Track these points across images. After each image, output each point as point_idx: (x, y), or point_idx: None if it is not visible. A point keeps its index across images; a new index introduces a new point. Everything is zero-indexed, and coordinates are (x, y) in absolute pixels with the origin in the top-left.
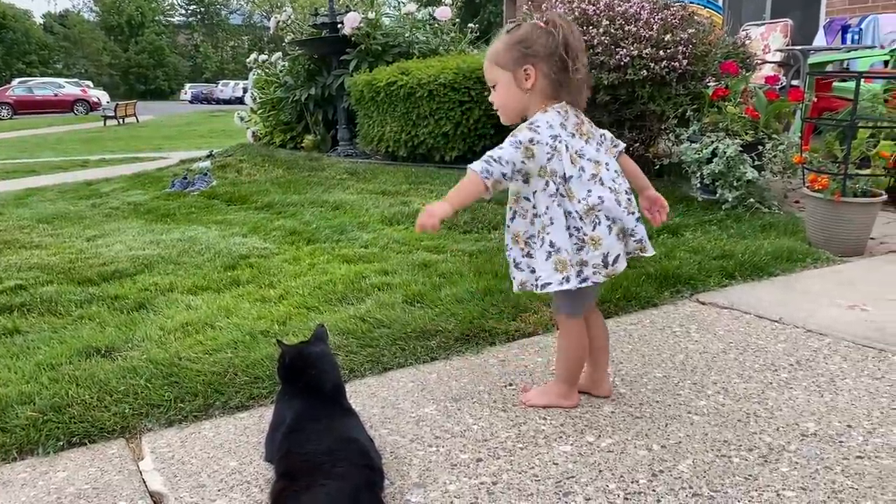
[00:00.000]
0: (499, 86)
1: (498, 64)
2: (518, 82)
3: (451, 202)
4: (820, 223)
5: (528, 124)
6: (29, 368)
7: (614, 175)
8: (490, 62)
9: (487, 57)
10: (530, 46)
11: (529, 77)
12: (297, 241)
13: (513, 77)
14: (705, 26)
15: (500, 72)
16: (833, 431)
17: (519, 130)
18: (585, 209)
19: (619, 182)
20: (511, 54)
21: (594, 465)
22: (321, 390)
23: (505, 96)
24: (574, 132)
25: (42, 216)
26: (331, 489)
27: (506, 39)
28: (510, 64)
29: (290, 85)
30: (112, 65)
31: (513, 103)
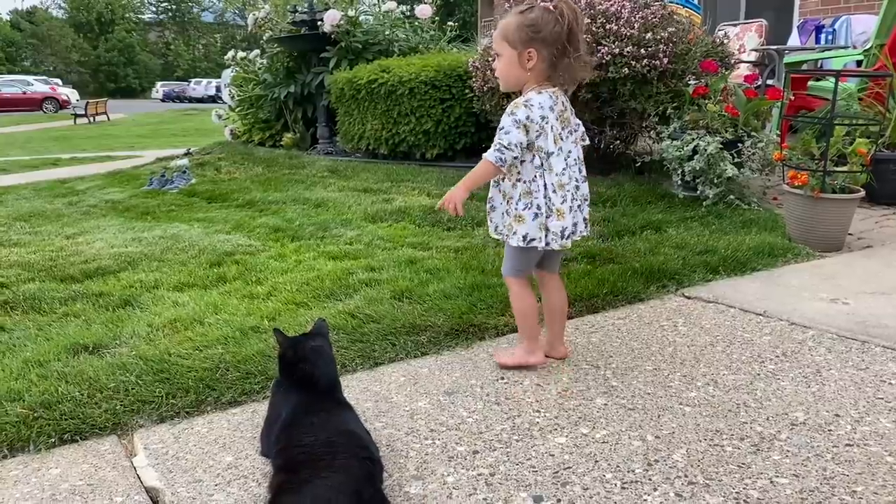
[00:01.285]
0: (503, 58)
1: (507, 40)
2: (521, 61)
3: (467, 186)
4: (800, 219)
5: (524, 101)
6: (16, 366)
7: (573, 162)
8: (500, 36)
9: (499, 30)
10: (539, 31)
11: (532, 59)
12: (281, 238)
13: (517, 55)
14: (685, 25)
15: (507, 47)
16: (822, 420)
17: (517, 107)
18: (559, 184)
19: (576, 169)
20: (520, 34)
21: (590, 456)
22: (317, 384)
23: (507, 69)
24: (558, 116)
25: (18, 214)
26: (333, 482)
27: (519, 19)
28: (518, 43)
29: (269, 82)
30: (81, 62)
31: (513, 78)
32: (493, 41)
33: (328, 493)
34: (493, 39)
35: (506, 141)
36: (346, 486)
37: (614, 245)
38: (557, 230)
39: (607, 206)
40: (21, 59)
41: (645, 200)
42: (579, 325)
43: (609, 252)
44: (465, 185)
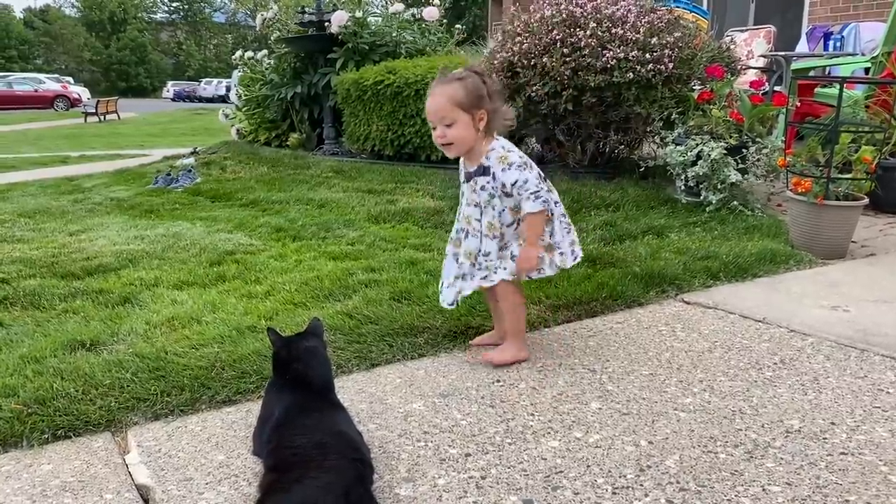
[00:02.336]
0: (458, 124)
1: (460, 106)
2: (475, 123)
3: (536, 242)
4: (803, 226)
5: (508, 149)
6: (13, 361)
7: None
8: (450, 104)
9: (443, 100)
10: (482, 94)
11: (482, 119)
12: (283, 238)
13: (471, 118)
14: (691, 30)
15: (461, 113)
16: (817, 428)
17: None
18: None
19: None
20: (470, 99)
21: (582, 461)
22: (310, 384)
23: (465, 133)
24: None
25: (23, 210)
26: (321, 482)
27: (464, 86)
28: (470, 107)
29: (275, 83)
30: (93, 61)
31: (468, 140)
32: (439, 112)
33: (317, 494)
34: (439, 110)
35: (536, 186)
36: (335, 486)
37: (615, 249)
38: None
39: (610, 210)
40: (33, 57)
41: (648, 205)
42: (577, 329)
43: (610, 256)
44: (534, 241)
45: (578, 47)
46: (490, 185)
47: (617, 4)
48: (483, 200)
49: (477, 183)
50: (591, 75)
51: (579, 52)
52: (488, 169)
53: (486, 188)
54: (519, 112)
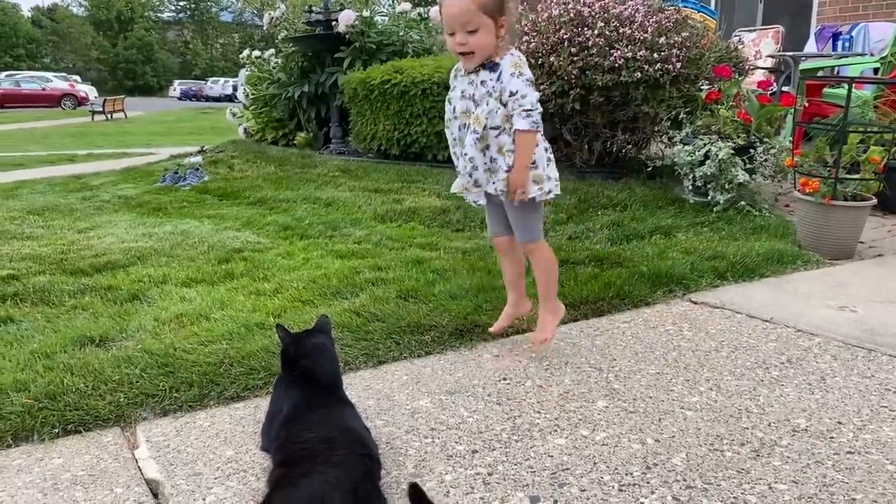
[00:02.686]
0: (482, 31)
1: (486, 12)
2: (497, 30)
3: (526, 165)
4: (810, 226)
5: (522, 61)
6: (23, 357)
7: None
8: (477, 8)
9: (469, 4)
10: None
11: (503, 26)
12: (290, 237)
13: (494, 24)
14: (699, 30)
15: (485, 19)
16: (824, 427)
17: (522, 67)
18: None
19: None
20: (495, 4)
21: (589, 458)
22: (318, 380)
23: (485, 41)
24: None
25: (32, 208)
26: (329, 477)
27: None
28: (496, 13)
29: (283, 82)
30: (100, 60)
31: (489, 48)
32: (463, 16)
33: (325, 488)
34: (463, 14)
35: (528, 104)
36: (343, 481)
37: (622, 249)
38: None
39: (617, 209)
40: (41, 55)
41: (655, 205)
42: (584, 328)
43: (617, 256)
44: (524, 165)
45: (586, 46)
46: (492, 83)
47: (625, 4)
48: (479, 95)
49: (478, 76)
50: (599, 74)
51: (587, 51)
52: (497, 66)
53: (486, 84)
54: None
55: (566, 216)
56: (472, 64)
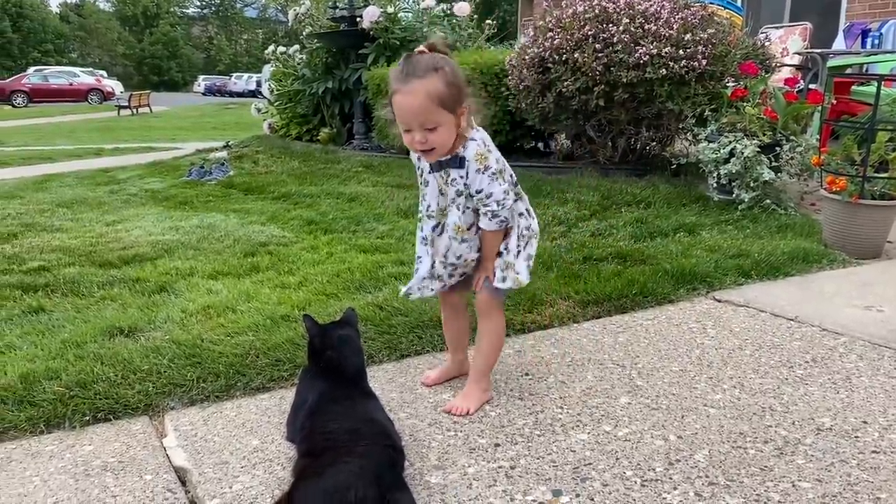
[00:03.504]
0: (442, 128)
1: (445, 107)
2: (458, 122)
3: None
4: (837, 225)
5: (488, 147)
6: (55, 346)
7: None
8: (433, 103)
9: (425, 97)
10: (462, 85)
11: (463, 114)
12: (314, 231)
13: (455, 118)
14: (725, 27)
15: (445, 115)
16: (849, 427)
17: (485, 158)
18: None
19: None
20: (453, 94)
21: (611, 453)
22: (344, 372)
23: (445, 137)
24: None
25: (61, 201)
26: (354, 467)
27: (443, 77)
28: (456, 104)
29: (307, 78)
30: (126, 55)
31: (450, 140)
32: (419, 115)
33: (350, 478)
34: (419, 113)
35: (494, 204)
36: (367, 471)
37: (646, 246)
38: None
39: (641, 207)
40: (68, 51)
41: (679, 202)
42: (607, 325)
43: (640, 253)
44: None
45: (611, 43)
46: (462, 179)
47: (650, 0)
48: (450, 197)
49: (449, 175)
50: (624, 71)
51: (612, 47)
52: (463, 161)
53: (455, 183)
54: (549, 108)
55: (589, 213)
56: (433, 159)
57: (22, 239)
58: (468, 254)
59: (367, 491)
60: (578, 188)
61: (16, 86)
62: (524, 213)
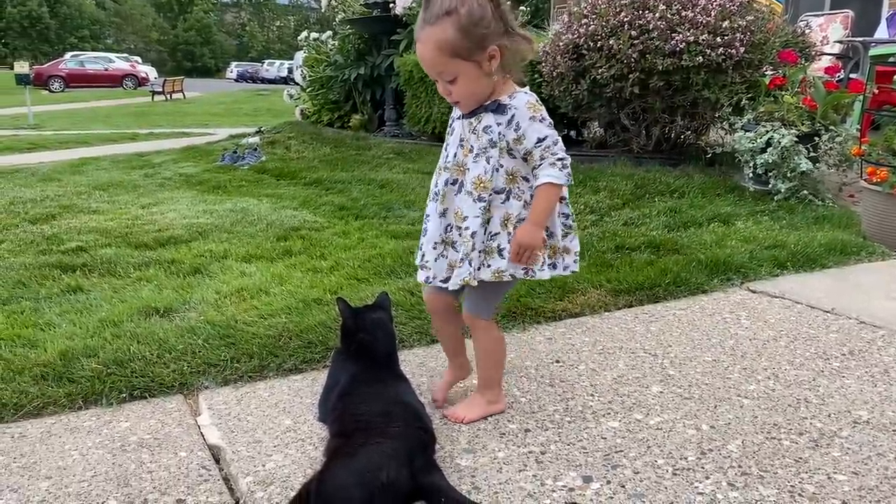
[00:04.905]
0: (461, 79)
1: (458, 55)
2: (484, 69)
3: (540, 225)
4: (877, 217)
5: (538, 101)
6: (92, 324)
7: None
8: (443, 54)
9: (434, 46)
10: (485, 25)
11: (495, 57)
12: (345, 217)
13: (478, 66)
14: (764, 14)
15: (462, 64)
16: (887, 420)
17: (539, 108)
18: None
19: None
20: (470, 40)
21: (643, 441)
22: (376, 355)
23: (472, 88)
24: None
25: (98, 184)
26: (386, 448)
27: (456, 22)
28: (474, 51)
29: (339, 64)
30: (160, 41)
31: (480, 91)
32: (433, 66)
33: (382, 459)
34: (433, 65)
35: (561, 151)
36: (399, 452)
37: (679, 236)
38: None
39: (675, 196)
40: (104, 37)
41: (714, 192)
42: (639, 314)
43: (673, 243)
44: (538, 224)
45: (647, 30)
46: (499, 128)
47: None
48: (479, 146)
49: (481, 121)
50: (660, 58)
51: (647, 34)
52: (505, 108)
53: (490, 131)
54: (583, 95)
55: (622, 202)
56: (467, 109)
57: (60, 220)
58: (473, 224)
59: (399, 472)
60: (611, 177)
61: (53, 71)
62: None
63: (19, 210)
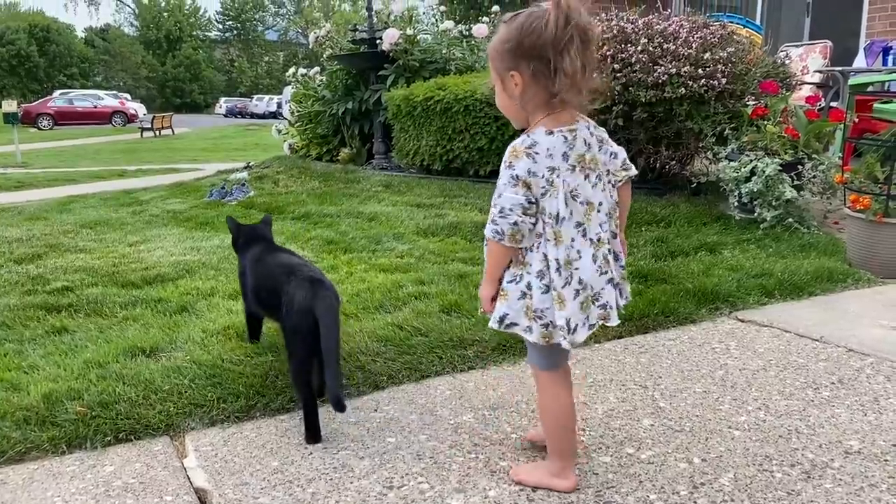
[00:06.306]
0: (497, 90)
1: (492, 63)
2: (507, 89)
3: (491, 277)
4: (861, 244)
5: (525, 147)
6: (77, 366)
7: (604, 219)
8: (491, 58)
9: (490, 48)
10: (520, 43)
11: (517, 84)
12: (334, 251)
13: (502, 82)
14: (744, 45)
15: (493, 73)
16: (878, 450)
17: (516, 157)
18: (565, 261)
19: (605, 229)
20: (500, 54)
21: (634, 476)
22: (263, 238)
23: (501, 103)
24: (576, 164)
25: (85, 222)
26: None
27: (500, 33)
28: (500, 65)
29: (327, 99)
30: (149, 78)
31: (510, 112)
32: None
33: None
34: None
35: (498, 206)
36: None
37: (667, 265)
38: (562, 322)
39: (661, 226)
40: (93, 74)
41: (700, 221)
42: (628, 346)
43: (662, 272)
44: (490, 277)
45: (629, 63)
46: None
47: (669, 20)
48: None
49: None
50: (643, 90)
51: (630, 67)
52: None
53: None
54: None
55: None
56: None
57: (46, 259)
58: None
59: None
60: None
61: (42, 109)
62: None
63: (4, 250)
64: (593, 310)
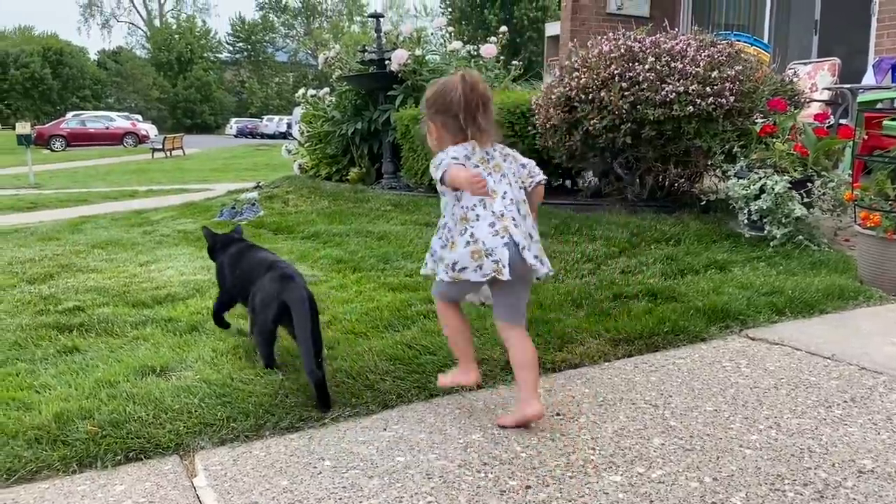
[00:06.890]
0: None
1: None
2: (430, 133)
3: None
4: (872, 261)
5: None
6: (88, 385)
7: (508, 204)
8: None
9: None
10: (432, 105)
11: (431, 133)
12: (343, 270)
13: (429, 127)
14: (752, 64)
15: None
16: (891, 469)
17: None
18: (461, 217)
19: (510, 210)
20: (424, 108)
21: (645, 496)
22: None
23: (428, 141)
24: (479, 164)
25: (96, 242)
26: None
27: (427, 92)
28: (426, 118)
29: (336, 119)
30: (161, 99)
31: (432, 148)
32: None
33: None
34: None
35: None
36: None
37: (677, 284)
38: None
39: (671, 244)
40: (106, 96)
41: (710, 239)
42: (638, 364)
43: (671, 290)
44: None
45: (637, 81)
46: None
47: (676, 39)
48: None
49: None
50: (651, 109)
51: (638, 85)
52: None
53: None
54: (576, 146)
55: (618, 250)
56: None
57: (58, 279)
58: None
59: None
60: (607, 225)
61: (55, 130)
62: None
63: (17, 270)
64: (486, 262)
